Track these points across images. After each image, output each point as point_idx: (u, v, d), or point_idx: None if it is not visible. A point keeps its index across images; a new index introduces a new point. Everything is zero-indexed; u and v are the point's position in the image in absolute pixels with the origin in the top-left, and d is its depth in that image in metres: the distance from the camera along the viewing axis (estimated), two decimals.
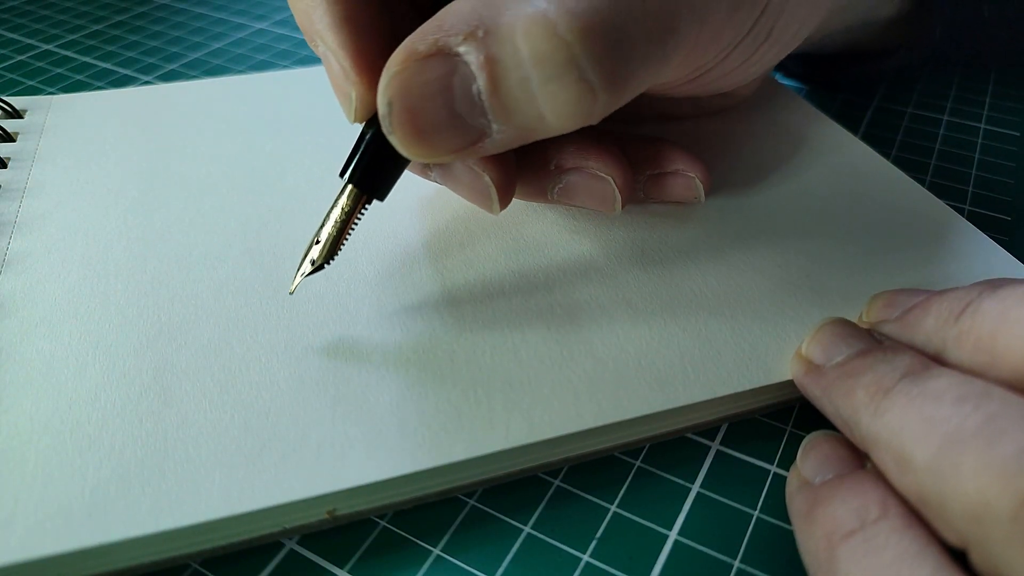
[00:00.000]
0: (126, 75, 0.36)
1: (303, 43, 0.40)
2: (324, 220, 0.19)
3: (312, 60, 0.38)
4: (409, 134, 0.16)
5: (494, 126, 0.16)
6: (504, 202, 0.20)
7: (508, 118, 0.16)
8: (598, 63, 0.15)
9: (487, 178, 0.19)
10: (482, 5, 0.15)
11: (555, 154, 0.21)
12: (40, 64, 0.37)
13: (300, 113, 0.29)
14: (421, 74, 0.16)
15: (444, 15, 0.16)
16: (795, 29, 0.21)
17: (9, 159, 0.26)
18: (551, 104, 0.15)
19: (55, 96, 0.30)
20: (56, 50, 0.38)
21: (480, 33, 0.15)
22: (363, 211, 0.19)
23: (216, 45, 0.39)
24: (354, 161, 0.18)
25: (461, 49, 0.15)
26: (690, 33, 0.17)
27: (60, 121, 0.28)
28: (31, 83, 0.35)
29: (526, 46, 0.15)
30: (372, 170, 0.18)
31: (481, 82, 0.15)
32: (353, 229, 0.19)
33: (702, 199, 0.23)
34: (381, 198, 0.19)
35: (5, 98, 0.29)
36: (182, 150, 0.27)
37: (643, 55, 0.16)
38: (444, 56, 0.15)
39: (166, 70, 0.37)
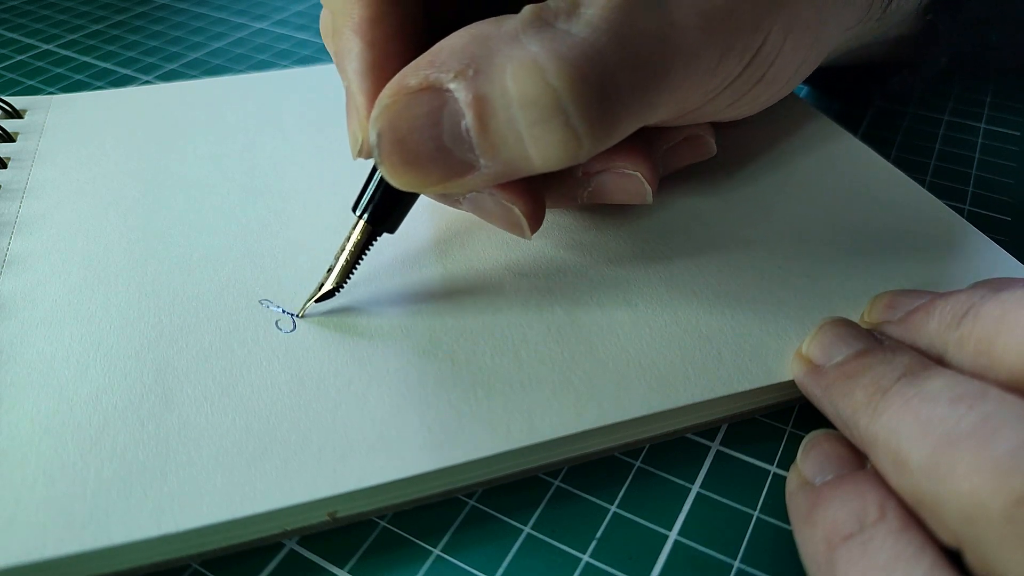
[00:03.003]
0: (126, 75, 0.36)
1: (303, 43, 0.40)
2: (340, 250, 0.20)
3: (312, 60, 0.38)
4: (396, 164, 0.16)
5: (482, 161, 0.16)
6: (534, 228, 0.20)
7: (495, 155, 0.16)
8: (584, 111, 0.15)
9: (517, 210, 0.20)
10: (475, 44, 0.16)
11: None
12: (40, 64, 0.37)
13: (300, 113, 0.29)
14: (410, 107, 0.16)
15: (437, 50, 0.16)
16: (792, 71, 0.21)
17: (9, 159, 0.26)
18: (537, 146, 0.16)
19: (55, 96, 0.30)
20: (56, 50, 0.38)
21: (471, 72, 0.15)
22: (374, 242, 0.20)
23: (216, 45, 0.39)
24: (365, 196, 0.19)
25: (452, 85, 0.16)
26: (681, 81, 0.17)
27: (60, 121, 0.28)
28: (31, 83, 0.35)
29: (515, 89, 0.15)
30: (382, 205, 0.19)
31: (469, 120, 0.16)
32: (364, 258, 0.20)
33: (715, 151, 0.24)
34: (391, 231, 0.20)
35: (5, 98, 0.29)
36: (182, 150, 0.27)
37: (630, 102, 0.16)
38: (434, 91, 0.16)
39: (166, 70, 0.37)
